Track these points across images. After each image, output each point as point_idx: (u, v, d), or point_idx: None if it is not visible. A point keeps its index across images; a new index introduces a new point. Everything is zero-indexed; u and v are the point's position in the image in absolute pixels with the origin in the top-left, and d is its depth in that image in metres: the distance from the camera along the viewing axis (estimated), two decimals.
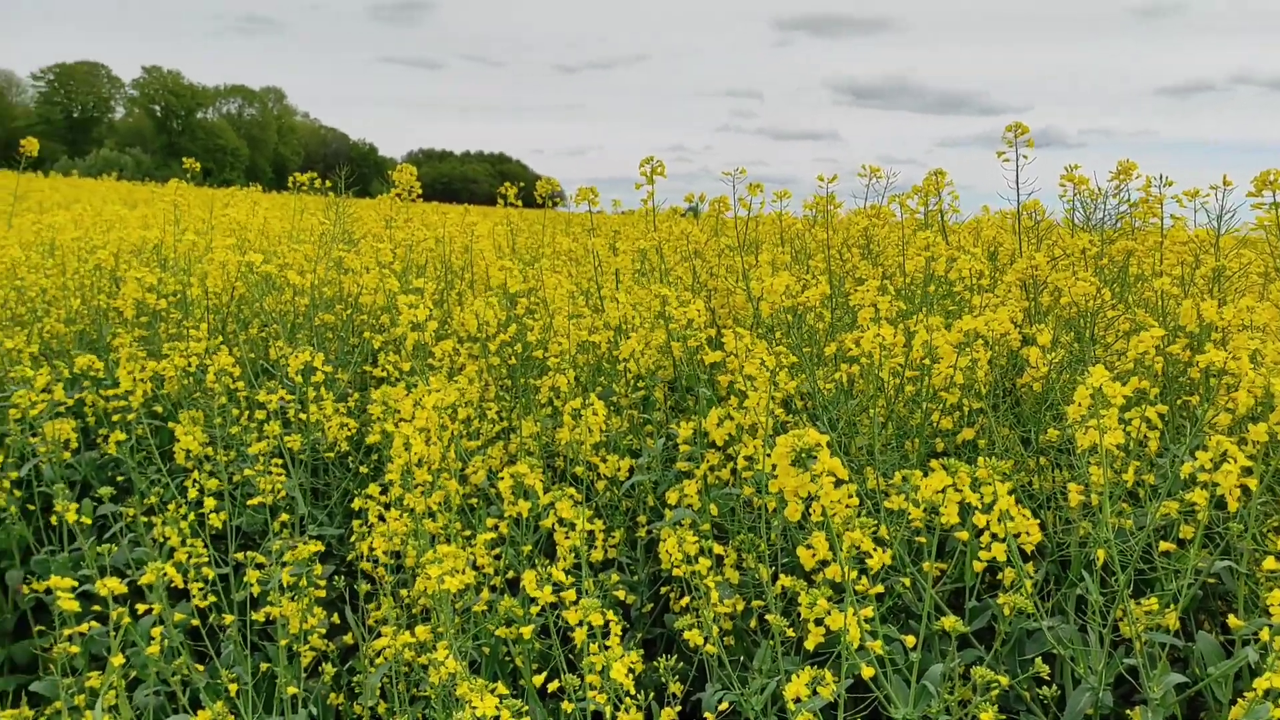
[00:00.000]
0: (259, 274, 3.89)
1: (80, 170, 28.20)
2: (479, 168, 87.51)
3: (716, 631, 2.53)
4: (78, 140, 70.22)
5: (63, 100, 78.43)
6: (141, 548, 3.87)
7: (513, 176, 9.46)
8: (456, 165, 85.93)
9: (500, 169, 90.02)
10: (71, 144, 66.22)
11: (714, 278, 3.97)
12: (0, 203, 11.11)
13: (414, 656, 2.70)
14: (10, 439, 4.19)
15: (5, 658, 4.48)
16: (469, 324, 3.81)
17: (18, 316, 4.85)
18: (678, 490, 2.91)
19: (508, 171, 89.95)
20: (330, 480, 4.05)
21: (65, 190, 14.54)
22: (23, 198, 11.42)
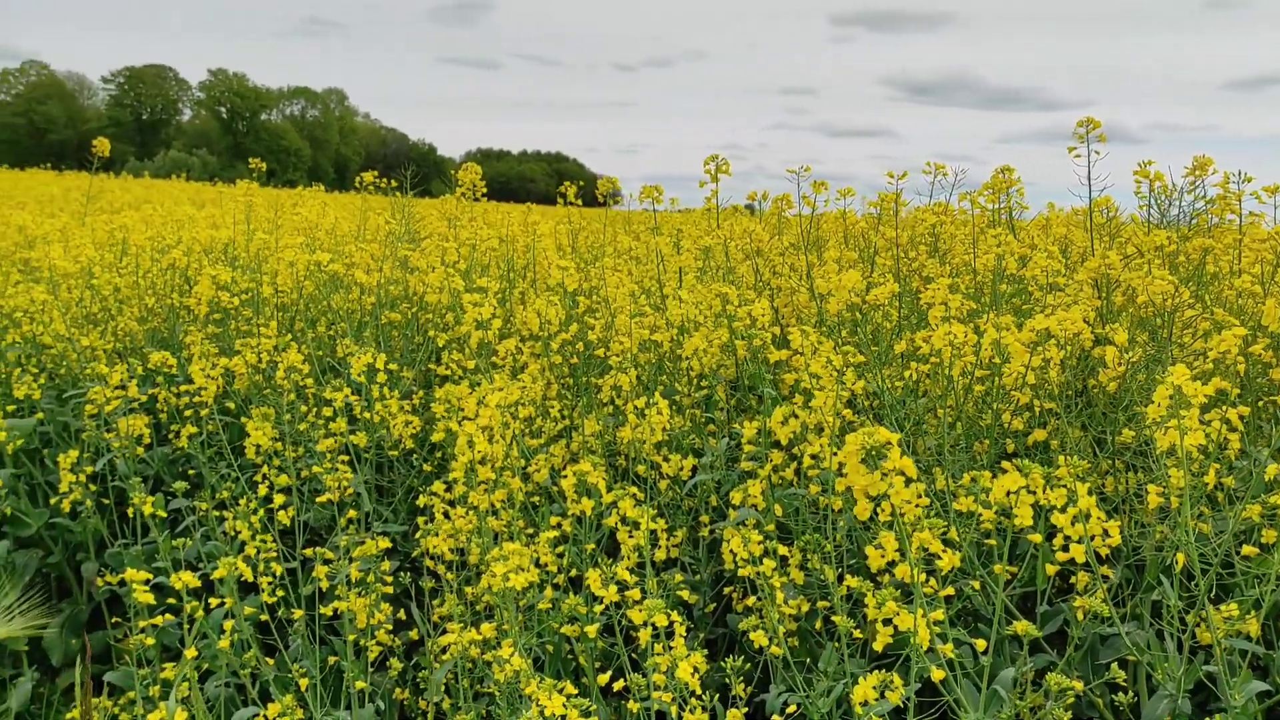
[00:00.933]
0: (327, 273, 3.95)
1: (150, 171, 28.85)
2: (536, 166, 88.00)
3: (782, 632, 2.50)
4: (146, 142, 71.92)
5: (132, 103, 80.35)
6: (213, 541, 3.94)
7: (569, 175, 9.52)
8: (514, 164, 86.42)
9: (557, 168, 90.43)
10: (140, 145, 67.85)
11: (776, 276, 3.94)
12: (73, 203, 11.43)
13: (479, 653, 2.71)
14: (86, 434, 4.30)
15: (81, 648, 4.59)
16: (531, 323, 3.83)
17: (92, 315, 4.98)
18: (742, 490, 2.90)
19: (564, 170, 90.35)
20: (394, 477, 4.10)
21: (136, 190, 14.88)
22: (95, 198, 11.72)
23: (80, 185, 16.00)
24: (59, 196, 11.10)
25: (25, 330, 4.75)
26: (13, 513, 4.48)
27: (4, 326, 4.96)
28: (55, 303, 4.62)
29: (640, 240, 5.32)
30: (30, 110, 75.02)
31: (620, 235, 5.05)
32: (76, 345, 4.58)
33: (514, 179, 73.64)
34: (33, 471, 4.72)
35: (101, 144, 6.58)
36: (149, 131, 77.27)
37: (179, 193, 14.60)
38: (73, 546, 4.69)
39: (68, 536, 4.65)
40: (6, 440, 4.30)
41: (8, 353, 4.86)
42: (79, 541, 4.61)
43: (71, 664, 4.60)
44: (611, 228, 4.96)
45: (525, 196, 28.14)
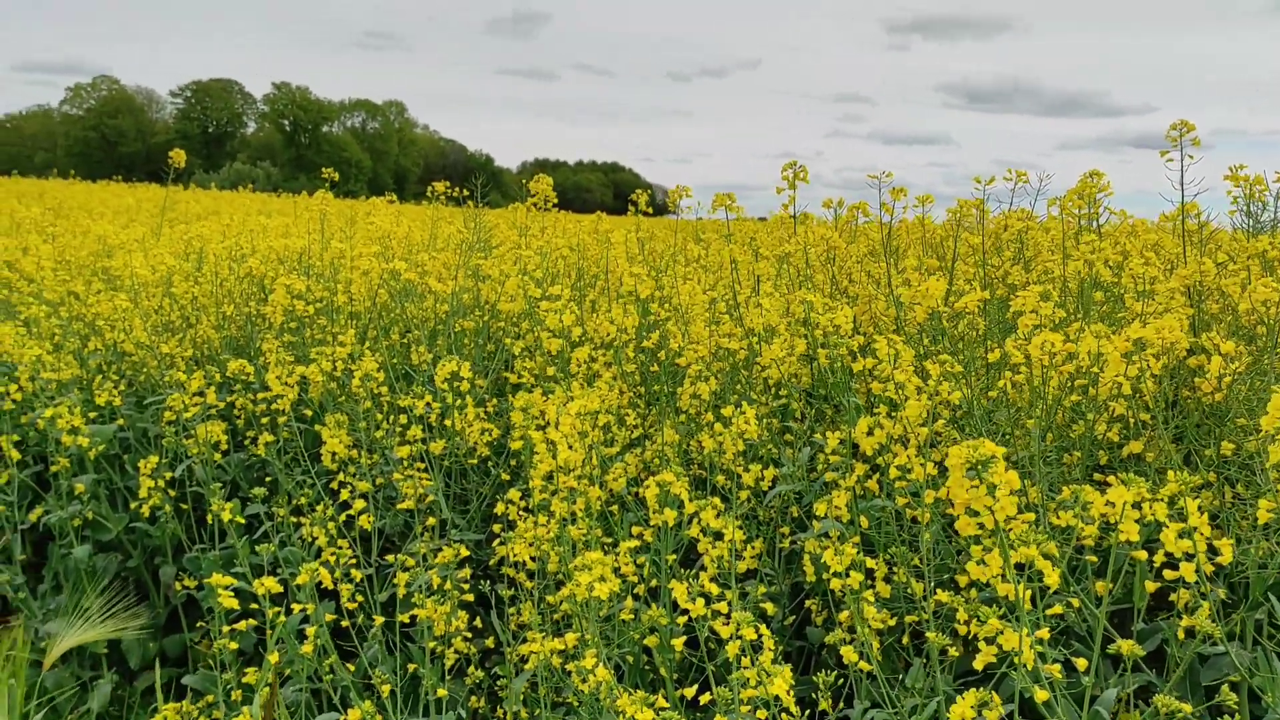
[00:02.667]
0: (402, 281, 3.97)
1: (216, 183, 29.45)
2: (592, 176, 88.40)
3: (876, 645, 2.45)
4: (213, 154, 73.48)
5: (199, 116, 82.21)
6: (289, 547, 3.97)
7: (625, 185, 9.42)
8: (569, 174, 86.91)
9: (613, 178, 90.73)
10: (207, 158, 69.36)
11: (853, 284, 3.89)
12: (145, 214, 11.70)
13: (560, 663, 2.69)
14: (166, 440, 4.36)
15: (158, 651, 4.66)
16: (604, 330, 3.81)
17: (171, 323, 5.06)
18: (826, 501, 2.84)
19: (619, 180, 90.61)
20: (469, 485, 4.10)
21: (205, 201, 15.19)
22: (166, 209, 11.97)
23: (152, 196, 16.38)
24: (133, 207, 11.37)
25: (108, 338, 4.84)
26: (94, 517, 4.56)
27: (86, 334, 5.07)
28: (136, 311, 4.70)
29: (710, 248, 5.29)
30: (101, 124, 77.11)
31: (689, 244, 5.02)
32: (156, 352, 4.66)
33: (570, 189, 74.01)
34: (113, 476, 4.80)
35: (178, 155, 6.71)
36: (215, 144, 78.99)
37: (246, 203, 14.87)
38: (151, 550, 4.76)
39: (146, 541, 4.72)
40: (89, 446, 4.38)
41: (90, 360, 4.96)
42: (157, 546, 4.68)
43: (149, 667, 4.67)
44: (681, 235, 4.93)
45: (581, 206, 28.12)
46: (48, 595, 4.76)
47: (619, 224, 6.02)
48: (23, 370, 4.49)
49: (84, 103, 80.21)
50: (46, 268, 5.35)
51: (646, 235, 5.03)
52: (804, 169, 3.76)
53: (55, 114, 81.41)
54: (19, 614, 4.68)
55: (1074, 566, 2.84)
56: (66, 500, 4.51)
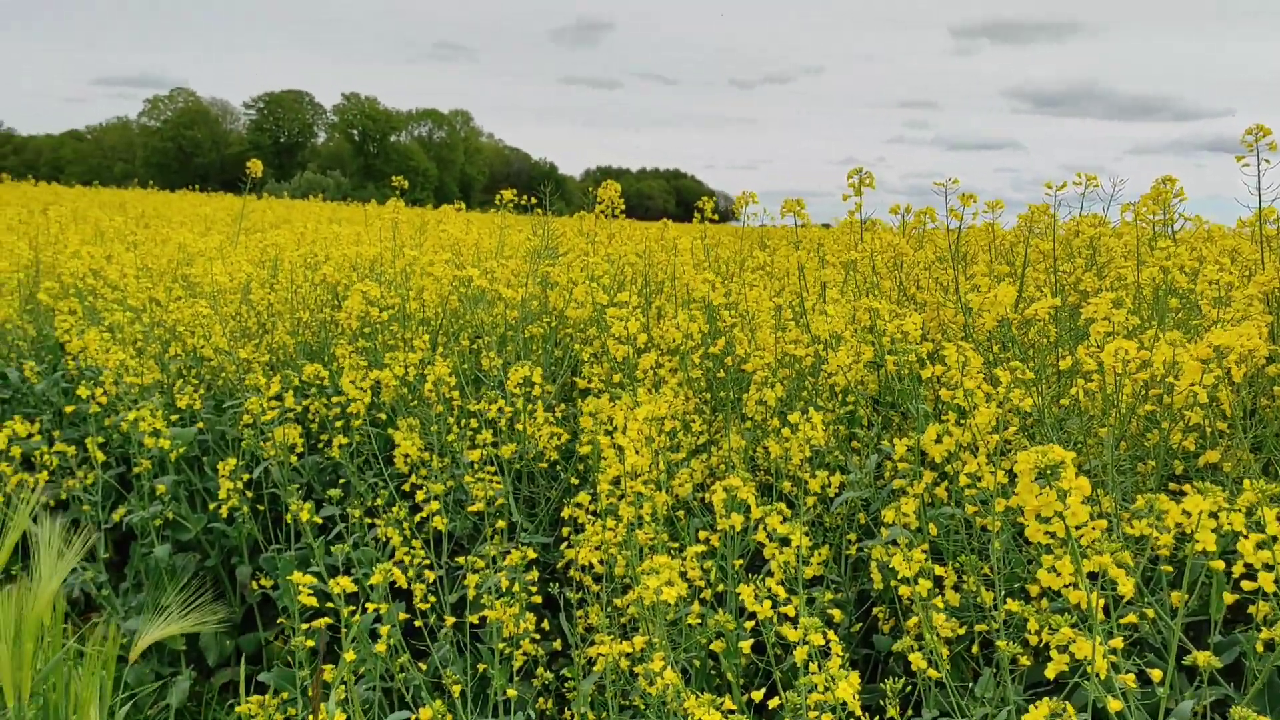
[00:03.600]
0: (474, 288, 4.04)
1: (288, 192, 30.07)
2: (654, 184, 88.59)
3: (946, 653, 2.44)
4: (284, 164, 75.10)
5: (271, 126, 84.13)
6: (362, 548, 4.06)
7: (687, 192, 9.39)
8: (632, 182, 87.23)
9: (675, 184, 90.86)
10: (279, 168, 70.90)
11: (921, 290, 3.87)
12: (220, 222, 12.02)
13: (628, 666, 2.72)
14: (245, 443, 4.48)
15: (234, 649, 4.79)
16: (669, 337, 3.84)
17: (248, 329, 5.20)
18: (894, 508, 2.84)
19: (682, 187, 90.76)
20: (537, 489, 4.15)
21: (278, 210, 15.54)
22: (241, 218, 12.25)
23: (226, 205, 16.82)
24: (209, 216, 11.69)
25: (188, 343, 4.99)
26: (174, 517, 4.70)
27: (167, 339, 5.22)
28: (215, 317, 4.84)
29: (776, 255, 5.29)
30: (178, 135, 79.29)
31: (755, 250, 5.03)
32: (234, 358, 4.79)
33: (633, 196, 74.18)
34: (191, 478, 4.95)
35: (254, 165, 6.89)
36: (286, 154, 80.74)
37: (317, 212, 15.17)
38: (228, 550, 4.89)
39: (223, 541, 4.85)
40: (170, 448, 4.51)
41: (170, 364, 5.12)
42: (234, 545, 4.81)
43: (226, 664, 4.80)
44: (746, 242, 4.95)
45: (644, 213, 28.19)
46: (129, 593, 4.92)
47: (684, 231, 6.06)
48: (107, 375, 4.65)
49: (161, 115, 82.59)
50: (129, 275, 5.53)
51: (713, 242, 5.06)
52: (870, 175, 3.75)
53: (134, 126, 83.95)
54: (102, 611, 4.85)
55: (1148, 577, 2.80)
56: (148, 501, 4.66)
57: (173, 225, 9.86)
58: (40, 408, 5.63)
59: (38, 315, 5.94)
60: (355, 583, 3.18)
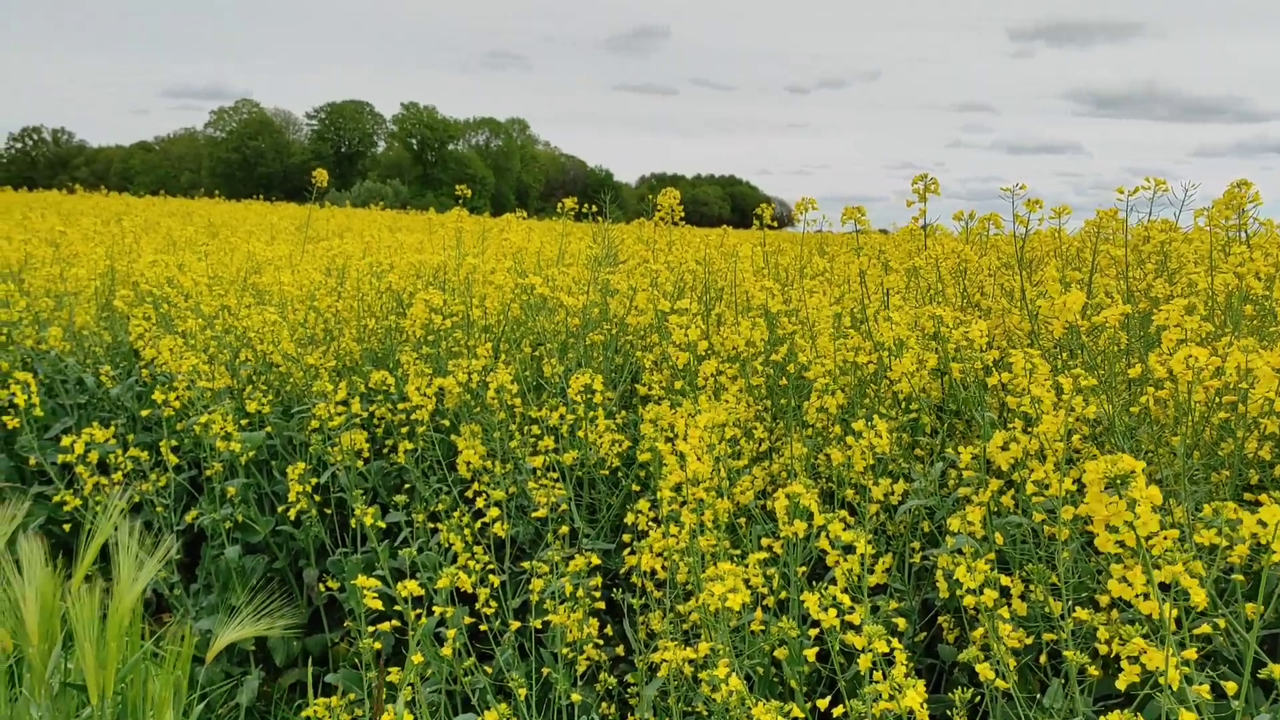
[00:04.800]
0: (536, 296, 4.09)
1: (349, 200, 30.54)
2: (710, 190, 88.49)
3: (1014, 665, 2.42)
4: (345, 173, 76.35)
5: (332, 136, 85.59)
6: (426, 553, 4.12)
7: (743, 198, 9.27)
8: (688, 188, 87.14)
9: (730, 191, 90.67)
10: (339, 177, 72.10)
11: (985, 297, 3.84)
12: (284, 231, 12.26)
13: (691, 672, 2.73)
14: (313, 447, 4.57)
15: (301, 650, 4.88)
16: (730, 344, 3.84)
17: (315, 336, 5.30)
18: (960, 516, 2.82)
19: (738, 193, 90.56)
20: (598, 496, 4.18)
21: (340, 219, 15.80)
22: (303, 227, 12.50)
23: (290, 214, 17.14)
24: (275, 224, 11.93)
25: (258, 350, 5.10)
26: (244, 520, 4.80)
27: (237, 346, 5.35)
28: (284, 324, 4.94)
29: (835, 261, 5.27)
30: (243, 145, 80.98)
31: (815, 257, 5.03)
32: (302, 364, 4.89)
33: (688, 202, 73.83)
34: (260, 482, 5.05)
35: (320, 175, 7.02)
36: (347, 163, 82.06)
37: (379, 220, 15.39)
38: (295, 553, 4.99)
39: (291, 544, 4.95)
40: (240, 452, 4.62)
41: (240, 370, 5.24)
42: (301, 548, 4.91)
43: (293, 664, 4.89)
44: (806, 248, 4.94)
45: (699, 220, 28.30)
46: (200, 594, 5.04)
47: (743, 238, 6.05)
48: (181, 380, 4.77)
49: (226, 125, 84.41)
50: (201, 283, 5.67)
51: (772, 249, 5.05)
52: (935, 181, 3.73)
53: (200, 136, 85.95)
54: (174, 611, 4.97)
55: (1222, 588, 2.74)
56: (219, 503, 4.77)
57: (240, 234, 10.08)
58: (115, 412, 5.79)
59: (113, 322, 6.12)
60: (421, 586, 3.24)
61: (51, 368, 6.05)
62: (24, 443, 5.54)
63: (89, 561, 3.02)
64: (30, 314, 6.27)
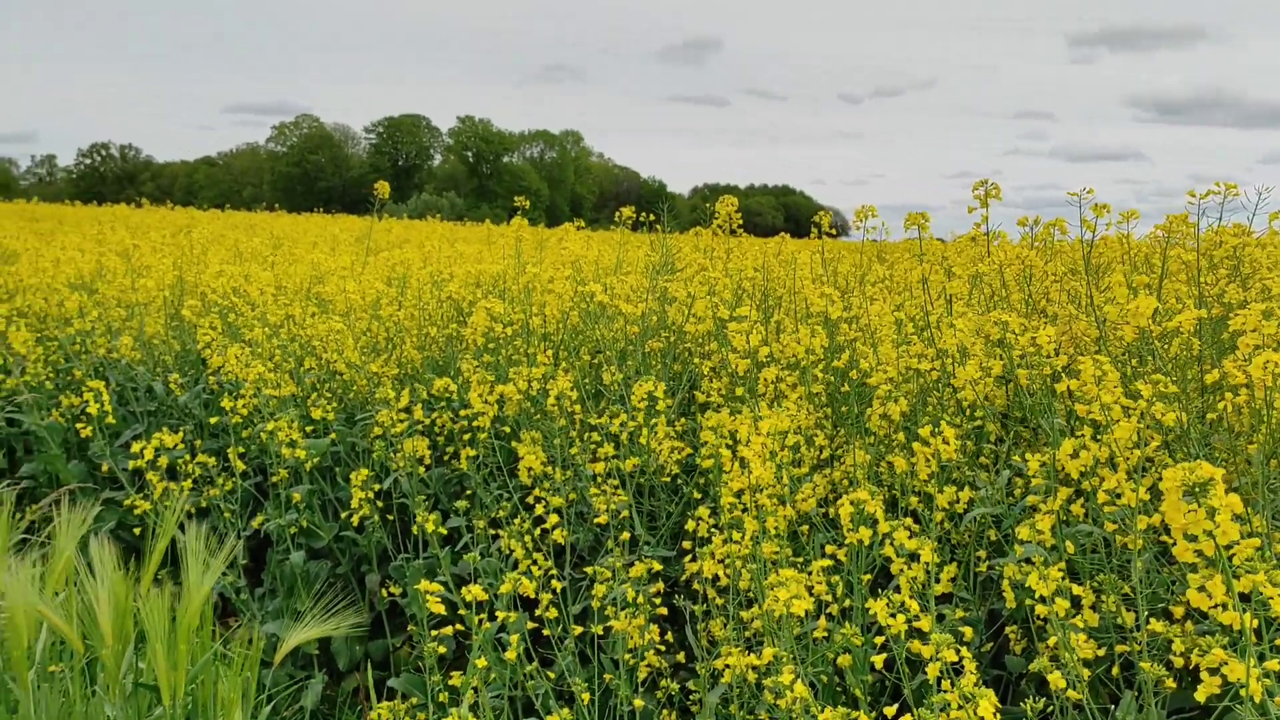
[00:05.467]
0: (595, 304, 4.10)
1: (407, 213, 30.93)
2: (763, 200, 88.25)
3: (1088, 676, 2.37)
4: (402, 186, 77.37)
5: (390, 150, 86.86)
6: (486, 559, 4.15)
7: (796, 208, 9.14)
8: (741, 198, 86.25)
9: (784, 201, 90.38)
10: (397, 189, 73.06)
11: (1051, 303, 3.78)
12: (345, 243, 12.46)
13: (755, 678, 2.72)
14: (375, 453, 4.63)
15: (363, 655, 4.93)
16: (789, 351, 3.83)
17: (378, 344, 5.37)
18: (1029, 524, 2.78)
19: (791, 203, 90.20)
20: (657, 503, 4.18)
21: (398, 230, 16.01)
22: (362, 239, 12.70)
23: (349, 226, 17.40)
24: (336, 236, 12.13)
25: (322, 358, 5.18)
26: (308, 525, 4.88)
27: (301, 355, 5.44)
28: (348, 332, 5.02)
29: (895, 269, 5.23)
30: (303, 159, 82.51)
31: (874, 264, 4.99)
32: (365, 371, 4.96)
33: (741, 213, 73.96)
34: (324, 488, 5.13)
35: (382, 187, 7.13)
36: (404, 176, 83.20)
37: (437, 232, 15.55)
38: (357, 558, 5.05)
39: (353, 549, 5.01)
40: (305, 458, 4.69)
41: (305, 378, 5.32)
42: (363, 554, 4.97)
43: (355, 669, 4.95)
44: (866, 256, 4.91)
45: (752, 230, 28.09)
46: (265, 598, 5.12)
47: (800, 246, 6.03)
48: (247, 388, 4.86)
49: (287, 140, 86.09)
50: (268, 293, 5.78)
51: (831, 257, 5.03)
52: (996, 186, 3.69)
53: (261, 151, 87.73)
54: (240, 615, 5.06)
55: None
56: (283, 509, 4.85)
57: (302, 246, 10.26)
58: (183, 419, 5.92)
59: (181, 331, 6.25)
60: (484, 591, 3.26)
61: (123, 375, 6.20)
62: (96, 449, 5.68)
63: (157, 563, 3.08)
64: (103, 324, 6.43)
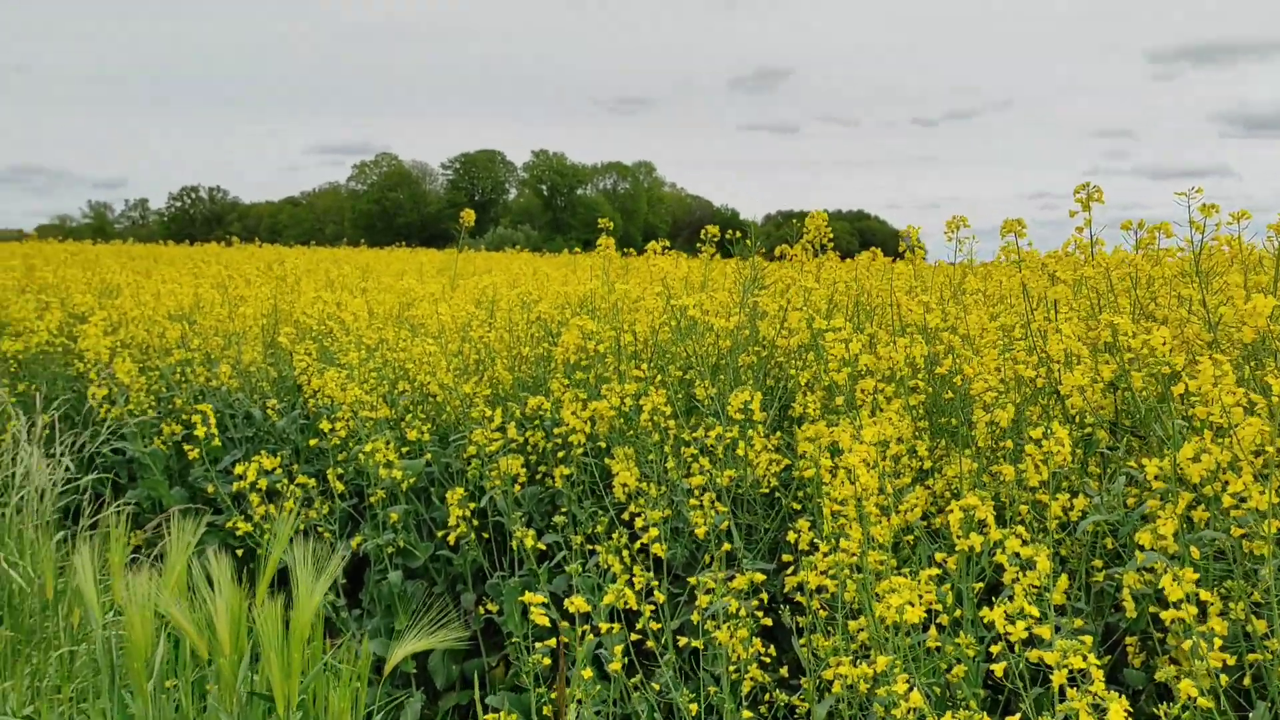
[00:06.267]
0: (687, 318, 4.10)
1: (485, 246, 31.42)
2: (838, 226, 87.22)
3: (1225, 683, 2.28)
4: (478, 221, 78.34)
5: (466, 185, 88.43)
6: (581, 575, 4.15)
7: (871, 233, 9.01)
8: None
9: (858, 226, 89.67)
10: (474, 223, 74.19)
11: (1159, 307, 3.68)
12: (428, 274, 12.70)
13: (866, 689, 2.66)
14: (470, 472, 4.68)
15: (458, 675, 4.96)
16: (887, 361, 3.77)
17: (469, 366, 5.44)
18: (1149, 531, 2.68)
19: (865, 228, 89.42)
20: (754, 517, 4.15)
21: (479, 262, 16.26)
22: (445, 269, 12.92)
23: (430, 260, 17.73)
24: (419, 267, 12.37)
25: (416, 381, 5.27)
26: (405, 545, 4.93)
27: (395, 378, 5.53)
28: (441, 354, 5.09)
29: (990, 279, 5.15)
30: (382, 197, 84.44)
31: (968, 275, 4.91)
32: (458, 393, 5.02)
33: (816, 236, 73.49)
34: (419, 508, 5.19)
35: (468, 215, 7.26)
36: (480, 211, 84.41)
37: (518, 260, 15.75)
38: (452, 578, 5.09)
39: (448, 568, 5.06)
40: (401, 479, 4.75)
41: (399, 401, 5.41)
42: (458, 573, 5.01)
43: (452, 687, 4.98)
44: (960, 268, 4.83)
45: None
46: (362, 618, 5.19)
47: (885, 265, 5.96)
48: (344, 410, 4.95)
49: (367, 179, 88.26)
50: (362, 318, 5.91)
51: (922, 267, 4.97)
52: (1098, 189, 3.60)
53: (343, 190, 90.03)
54: (340, 634, 5.13)
55: None
56: (381, 529, 4.91)
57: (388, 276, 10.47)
58: (280, 444, 6.05)
59: (278, 358, 6.41)
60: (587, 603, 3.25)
61: (221, 403, 6.37)
62: (198, 473, 5.84)
63: (270, 573, 3.15)
64: (201, 353, 6.62)
